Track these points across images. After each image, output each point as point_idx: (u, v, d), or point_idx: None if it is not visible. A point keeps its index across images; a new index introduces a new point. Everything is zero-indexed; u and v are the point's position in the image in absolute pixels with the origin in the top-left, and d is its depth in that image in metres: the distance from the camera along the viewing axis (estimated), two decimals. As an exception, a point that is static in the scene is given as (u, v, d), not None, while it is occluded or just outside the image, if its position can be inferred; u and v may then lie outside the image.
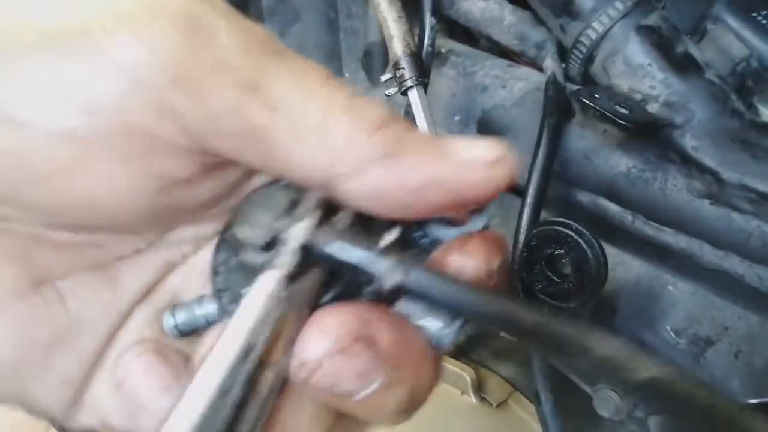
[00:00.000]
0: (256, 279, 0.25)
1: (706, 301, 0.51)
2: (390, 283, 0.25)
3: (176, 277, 0.31)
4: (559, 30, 0.55)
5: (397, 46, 0.56)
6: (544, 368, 0.54)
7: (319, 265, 0.27)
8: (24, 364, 0.28)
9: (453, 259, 0.27)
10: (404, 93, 0.56)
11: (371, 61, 0.71)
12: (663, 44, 0.50)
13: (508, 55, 0.65)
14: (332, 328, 0.24)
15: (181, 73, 0.25)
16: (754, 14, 0.52)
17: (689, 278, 0.52)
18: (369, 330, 0.25)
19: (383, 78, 0.59)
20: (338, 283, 0.27)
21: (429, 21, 0.58)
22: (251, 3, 0.76)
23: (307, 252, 0.26)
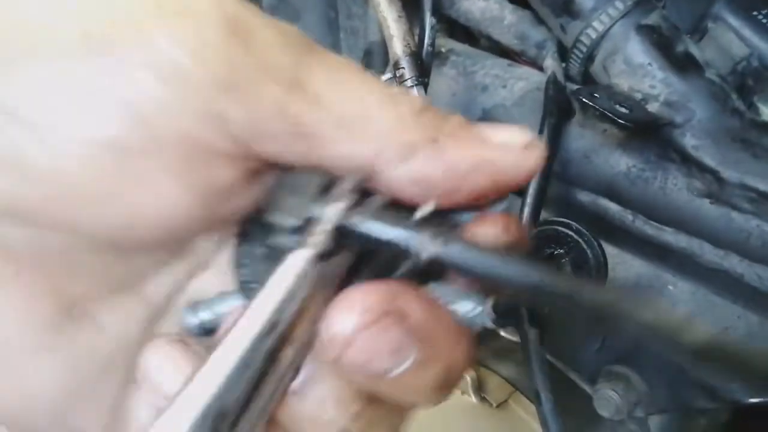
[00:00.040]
0: (287, 257, 0.25)
1: (706, 300, 0.51)
2: (427, 254, 0.24)
3: (197, 281, 0.30)
4: (560, 29, 0.55)
5: (397, 46, 0.56)
6: (544, 368, 0.54)
7: (350, 247, 0.26)
8: (69, 398, 0.27)
9: (473, 231, 0.27)
10: (404, 92, 0.56)
11: (371, 60, 0.71)
12: (663, 43, 0.50)
13: (509, 55, 0.65)
14: (359, 301, 0.24)
15: (229, 77, 0.24)
16: (754, 13, 0.52)
17: (689, 277, 0.52)
18: (398, 304, 0.24)
19: (383, 78, 0.59)
20: (368, 266, 0.27)
21: (429, 20, 0.58)
22: (252, 2, 0.76)
23: (340, 233, 0.25)
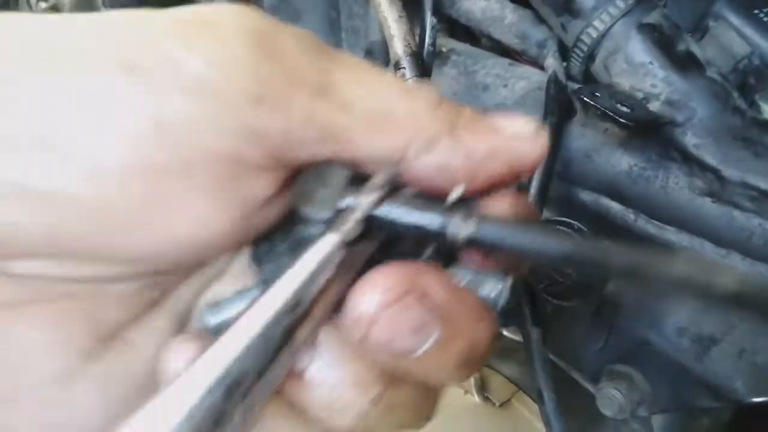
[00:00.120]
0: (316, 241, 0.25)
1: (709, 299, 0.51)
2: (465, 235, 0.25)
3: (216, 287, 0.30)
4: (560, 28, 0.55)
5: (398, 46, 0.56)
6: (546, 367, 0.54)
7: (375, 235, 0.27)
8: (107, 422, 0.26)
9: (484, 209, 0.28)
10: (405, 92, 0.56)
11: (372, 60, 0.71)
12: (664, 42, 0.50)
13: (510, 54, 0.65)
14: (382, 281, 0.24)
15: (259, 90, 0.24)
16: (755, 11, 0.52)
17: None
18: (420, 283, 0.25)
19: (384, 77, 0.59)
20: (390, 253, 0.28)
21: (430, 20, 0.58)
22: (253, 2, 0.76)
23: (369, 222, 0.26)
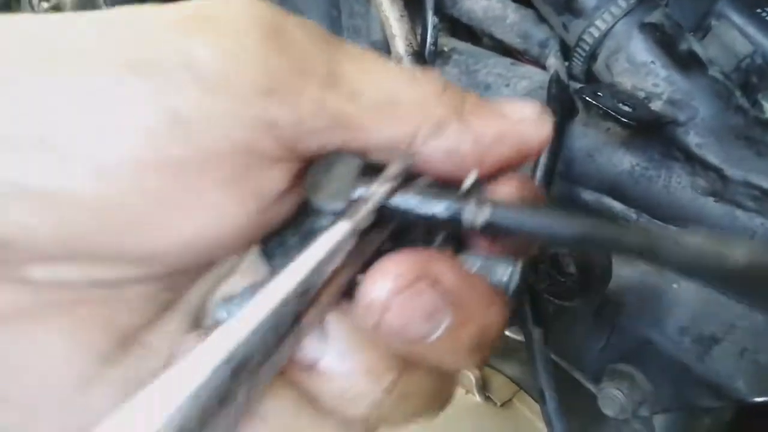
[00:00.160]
0: (328, 229, 0.25)
1: (710, 299, 0.51)
2: (482, 220, 0.25)
3: (226, 284, 0.29)
4: (562, 28, 0.55)
5: (400, 45, 0.56)
6: (548, 367, 0.54)
7: (390, 224, 0.27)
8: None
9: (492, 193, 0.28)
10: (407, 92, 0.56)
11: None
12: (666, 41, 0.50)
13: (511, 54, 0.64)
14: (393, 268, 0.24)
15: (270, 81, 0.23)
16: (758, 10, 0.52)
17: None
18: (431, 269, 0.25)
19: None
20: (401, 242, 0.28)
21: (431, 20, 0.58)
22: None
23: (382, 212, 0.26)
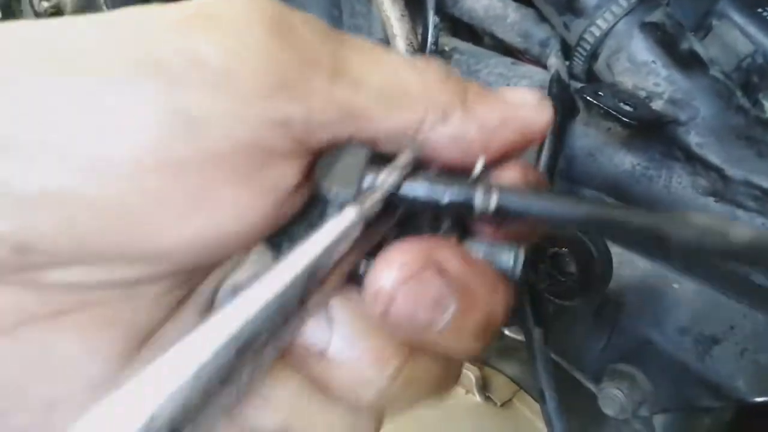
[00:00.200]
0: (336, 215, 0.25)
1: (711, 299, 0.51)
2: (493, 205, 0.26)
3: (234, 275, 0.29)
4: (563, 27, 0.55)
5: (401, 45, 0.56)
6: (548, 367, 0.54)
7: (397, 211, 0.27)
8: None
9: (496, 179, 0.28)
10: (408, 91, 0.56)
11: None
12: (667, 41, 0.50)
13: (512, 53, 0.64)
14: (398, 257, 0.25)
15: (279, 77, 0.24)
16: (759, 10, 0.52)
17: (694, 276, 0.52)
18: (435, 258, 0.25)
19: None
20: (406, 230, 0.28)
21: (432, 19, 0.58)
22: None
23: (391, 199, 0.26)
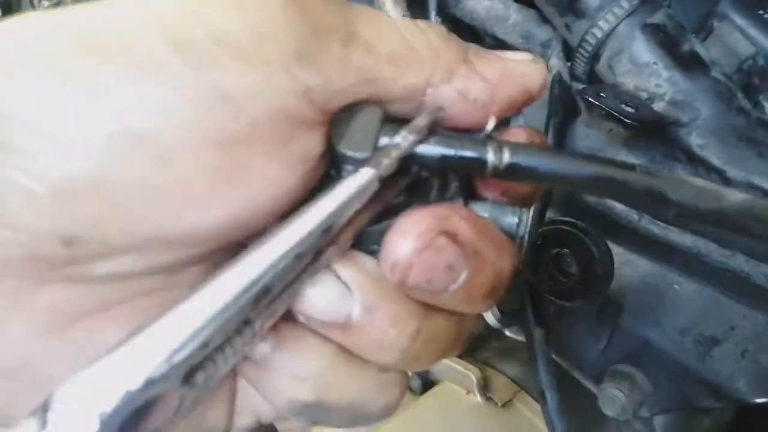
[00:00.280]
0: (354, 173, 0.26)
1: (711, 299, 0.51)
2: (506, 162, 0.27)
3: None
4: (565, 28, 0.55)
5: (402, 45, 0.56)
6: (549, 367, 0.54)
7: (410, 173, 0.28)
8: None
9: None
10: (409, 92, 0.56)
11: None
12: (669, 42, 0.50)
13: (514, 54, 0.65)
14: (413, 228, 0.26)
15: (298, 47, 0.24)
16: (760, 12, 0.52)
17: (695, 277, 0.52)
18: (448, 226, 0.26)
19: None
20: (419, 191, 0.29)
21: (434, 20, 0.58)
22: None
23: (407, 160, 0.27)
